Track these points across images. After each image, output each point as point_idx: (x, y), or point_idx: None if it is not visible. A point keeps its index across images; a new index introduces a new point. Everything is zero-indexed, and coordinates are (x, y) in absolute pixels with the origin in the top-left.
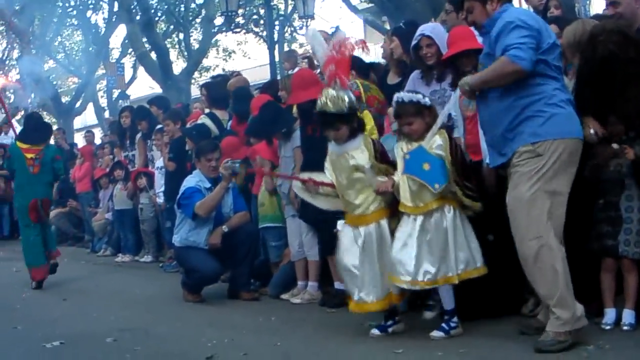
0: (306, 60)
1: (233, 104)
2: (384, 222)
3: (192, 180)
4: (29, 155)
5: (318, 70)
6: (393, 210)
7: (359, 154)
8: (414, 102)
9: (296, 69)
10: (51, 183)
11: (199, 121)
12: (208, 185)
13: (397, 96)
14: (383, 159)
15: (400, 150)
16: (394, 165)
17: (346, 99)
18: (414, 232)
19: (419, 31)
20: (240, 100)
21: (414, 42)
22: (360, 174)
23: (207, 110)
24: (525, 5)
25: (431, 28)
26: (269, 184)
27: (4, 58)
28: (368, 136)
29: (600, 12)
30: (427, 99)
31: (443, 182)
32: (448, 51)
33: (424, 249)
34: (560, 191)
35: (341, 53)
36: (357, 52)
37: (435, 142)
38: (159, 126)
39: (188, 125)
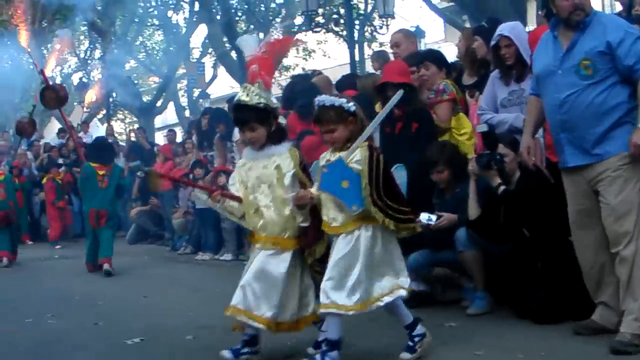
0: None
1: (298, 100)
2: (288, 255)
3: None
4: (100, 172)
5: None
6: (308, 241)
7: (284, 160)
8: (335, 107)
9: None
10: (114, 196)
11: None
12: None
13: (318, 99)
14: (305, 173)
15: (322, 160)
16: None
17: (264, 97)
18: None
19: (497, 31)
20: (304, 96)
21: (493, 42)
22: (282, 191)
23: None
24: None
25: (510, 28)
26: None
27: (86, 58)
28: (294, 147)
29: None
30: (351, 104)
31: (363, 204)
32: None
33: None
34: None
35: (267, 52)
36: (292, 51)
37: (356, 156)
38: None
39: None
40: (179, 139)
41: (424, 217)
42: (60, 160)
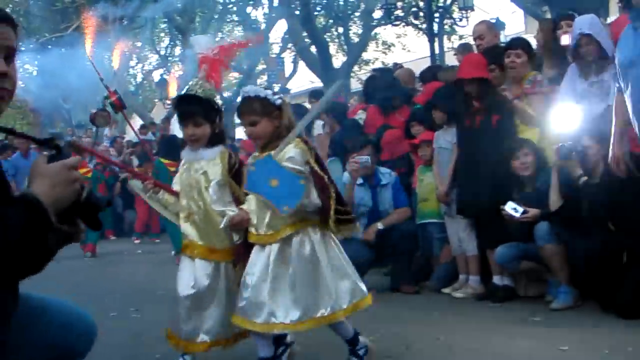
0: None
1: (379, 94)
2: (225, 266)
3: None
4: (171, 169)
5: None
6: (239, 256)
7: (212, 166)
8: (260, 98)
9: None
10: None
11: (356, 116)
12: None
13: (243, 90)
14: (237, 179)
15: (250, 159)
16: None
17: (216, 97)
18: (269, 264)
19: (576, 30)
20: (385, 90)
21: (573, 42)
22: (209, 200)
23: None
24: None
25: (588, 25)
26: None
27: (167, 55)
28: (227, 150)
29: None
30: (277, 98)
31: (294, 204)
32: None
33: (283, 285)
34: None
35: (220, 54)
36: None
37: (288, 154)
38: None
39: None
40: None
41: (509, 206)
42: (136, 161)
